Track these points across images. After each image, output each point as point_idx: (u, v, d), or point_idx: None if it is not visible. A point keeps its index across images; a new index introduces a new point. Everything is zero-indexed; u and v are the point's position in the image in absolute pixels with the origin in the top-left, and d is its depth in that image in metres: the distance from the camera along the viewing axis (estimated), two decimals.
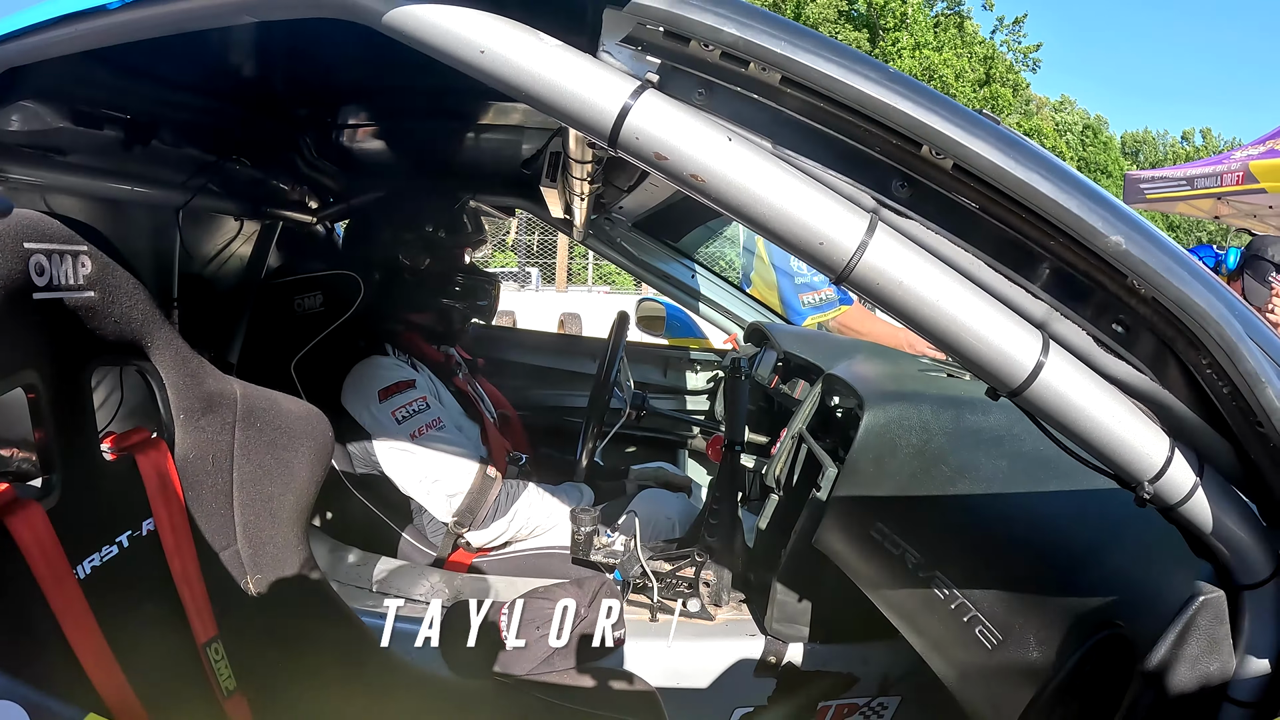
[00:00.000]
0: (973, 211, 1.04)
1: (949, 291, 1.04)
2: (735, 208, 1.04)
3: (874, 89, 0.98)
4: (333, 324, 2.95)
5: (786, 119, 1.04)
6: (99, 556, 1.33)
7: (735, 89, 1.04)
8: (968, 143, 0.98)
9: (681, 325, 4.76)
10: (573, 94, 1.02)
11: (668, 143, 1.02)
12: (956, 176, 1.02)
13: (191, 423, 1.53)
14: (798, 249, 1.05)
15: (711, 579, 2.40)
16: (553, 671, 2.13)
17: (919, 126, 0.98)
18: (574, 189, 2.31)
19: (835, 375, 2.52)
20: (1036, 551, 1.62)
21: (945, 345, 1.08)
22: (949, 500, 1.86)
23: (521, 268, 20.04)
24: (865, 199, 1.05)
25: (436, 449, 2.74)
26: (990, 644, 1.54)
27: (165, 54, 1.86)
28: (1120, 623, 1.36)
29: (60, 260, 1.24)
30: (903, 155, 1.03)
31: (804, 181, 1.03)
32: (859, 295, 1.09)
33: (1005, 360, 1.06)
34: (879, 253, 1.03)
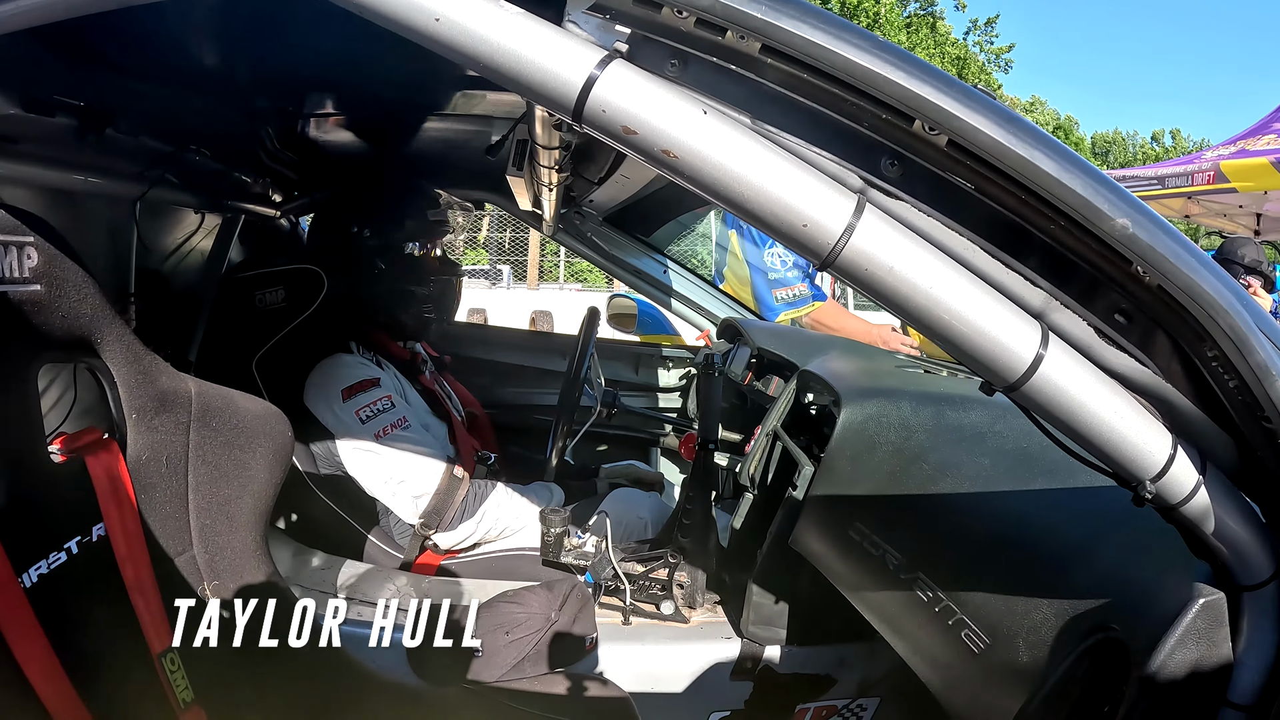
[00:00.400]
0: (968, 192, 0.99)
1: (942, 278, 0.98)
2: (711, 187, 0.98)
3: (863, 58, 0.92)
4: (295, 320, 2.90)
5: (767, 92, 0.99)
6: (46, 564, 1.27)
7: (711, 60, 0.98)
8: (966, 117, 0.92)
9: (653, 322, 4.73)
10: (535, 64, 0.96)
11: (637, 116, 0.96)
12: (951, 154, 0.96)
13: (144, 423, 1.47)
14: (779, 232, 0.99)
15: (685, 580, 2.36)
16: (523, 678, 2.09)
17: (912, 99, 0.93)
18: (542, 179, 2.26)
19: (810, 372, 2.49)
20: (1024, 552, 1.59)
21: (938, 336, 1.02)
22: (930, 499, 1.82)
23: (493, 265, 20.09)
24: (852, 179, 1.00)
25: (402, 449, 2.68)
26: (977, 648, 1.50)
27: (122, 39, 1.81)
28: (1114, 625, 1.32)
29: (4, 252, 1.20)
30: (893, 131, 0.98)
31: (786, 159, 0.98)
32: (845, 282, 1.03)
33: (1002, 352, 1.00)
34: (867, 236, 0.97)
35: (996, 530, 1.68)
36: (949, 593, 1.62)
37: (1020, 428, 1.94)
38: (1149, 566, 1.41)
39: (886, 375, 2.53)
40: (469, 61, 0.98)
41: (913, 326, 1.05)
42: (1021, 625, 1.45)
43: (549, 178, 2.23)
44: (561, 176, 2.28)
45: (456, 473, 2.71)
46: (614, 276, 4.36)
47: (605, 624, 2.27)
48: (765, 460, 2.54)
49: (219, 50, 2.11)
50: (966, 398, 2.11)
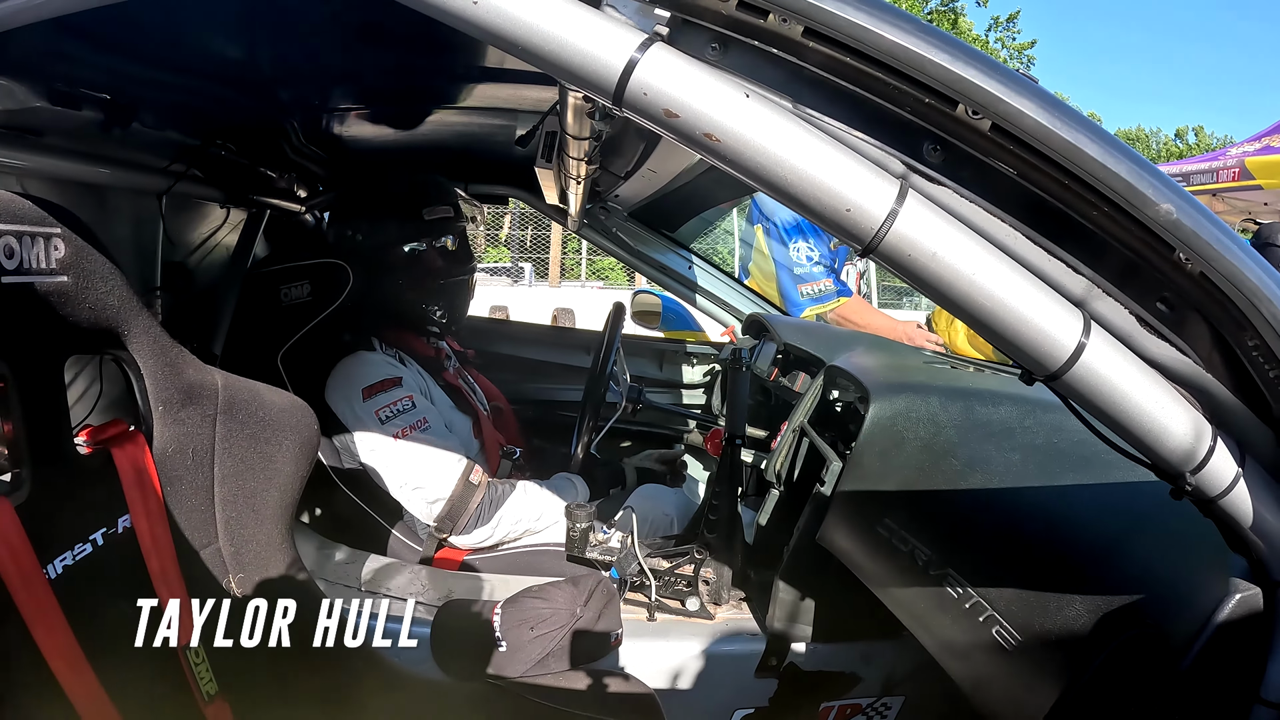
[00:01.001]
0: (1010, 178, 0.97)
1: (985, 265, 0.97)
2: (753, 171, 0.97)
3: (908, 40, 0.91)
4: (320, 315, 2.89)
5: (809, 76, 0.98)
6: (71, 555, 1.27)
7: (752, 43, 0.97)
8: (1011, 100, 0.91)
9: (677, 318, 4.72)
10: (574, 48, 0.96)
11: (679, 99, 0.96)
12: (994, 139, 0.95)
13: (170, 415, 1.47)
14: (821, 216, 0.98)
15: (711, 577, 2.34)
16: (547, 674, 2.08)
17: (957, 82, 0.91)
18: (570, 170, 2.24)
19: (838, 367, 2.47)
20: (1055, 547, 1.57)
21: (979, 324, 1.01)
22: (960, 495, 1.80)
23: (515, 263, 20.13)
24: (894, 164, 0.99)
25: (419, 452, 2.67)
26: (1009, 644, 1.49)
27: (147, 31, 1.80)
28: (1148, 621, 1.30)
29: (31, 243, 1.19)
30: (936, 116, 0.96)
31: (829, 144, 0.97)
32: (887, 268, 1.01)
33: (1045, 341, 0.99)
34: (910, 222, 0.96)
35: (1027, 526, 1.66)
36: (979, 589, 1.60)
37: (1050, 423, 1.92)
38: (1182, 562, 1.39)
39: (914, 371, 2.50)
40: (507, 45, 0.97)
41: (954, 314, 1.03)
42: (1054, 622, 1.44)
43: (578, 170, 2.21)
44: (590, 169, 2.26)
45: (473, 478, 2.69)
46: (639, 272, 4.35)
47: (630, 620, 2.26)
48: (792, 456, 2.52)
49: (244, 42, 2.10)
50: (995, 393, 2.09)
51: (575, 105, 1.72)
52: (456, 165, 3.65)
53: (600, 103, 1.03)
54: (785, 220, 4.62)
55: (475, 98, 2.63)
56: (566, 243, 20.14)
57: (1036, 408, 1.97)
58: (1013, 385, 2.28)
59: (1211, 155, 11.93)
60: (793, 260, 4.60)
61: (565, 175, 2.36)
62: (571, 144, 1.98)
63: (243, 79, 2.31)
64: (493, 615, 2.15)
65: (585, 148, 2.00)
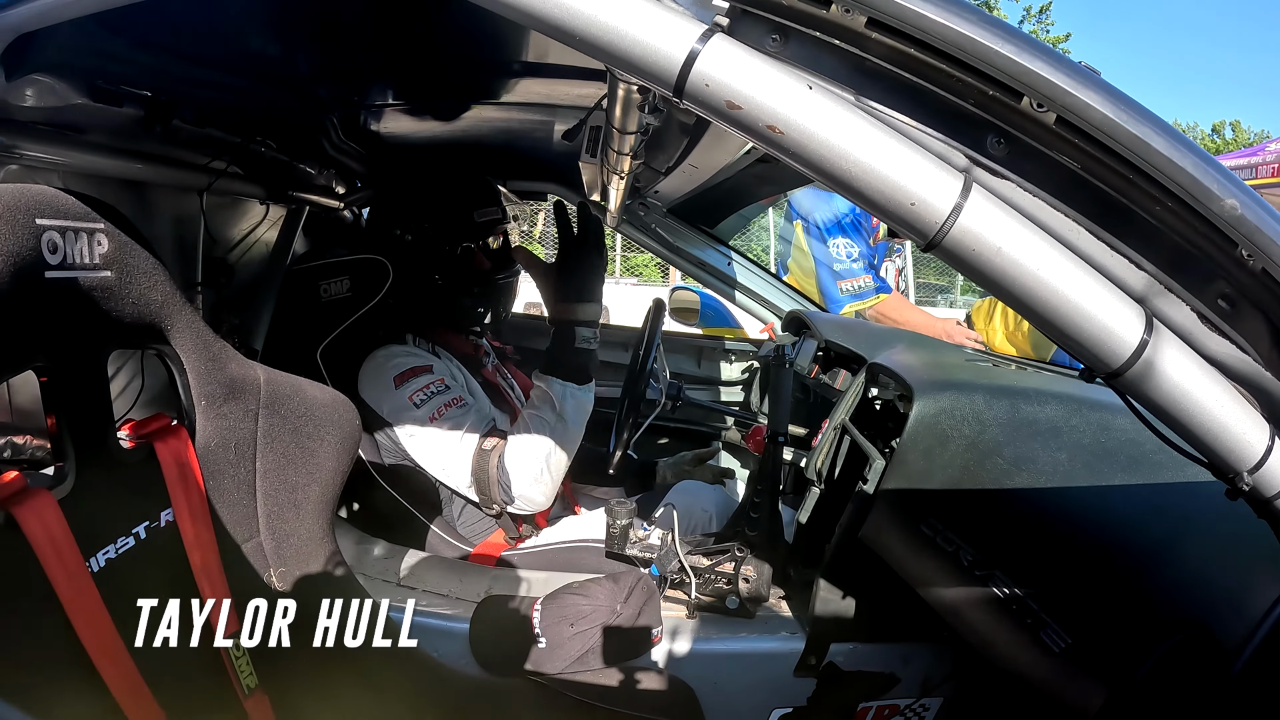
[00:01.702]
0: (1074, 172, 0.95)
1: (1049, 261, 0.95)
2: (816, 164, 0.95)
3: (975, 32, 0.89)
4: (360, 310, 2.89)
5: (870, 68, 0.96)
6: (114, 548, 1.28)
7: (813, 34, 0.95)
8: (1078, 93, 0.89)
9: (716, 315, 4.69)
10: (634, 39, 0.94)
11: (741, 91, 0.94)
12: (1059, 132, 0.93)
13: (213, 409, 1.48)
14: (884, 211, 0.96)
15: (751, 575, 2.32)
16: (587, 670, 2.07)
17: (1024, 74, 0.89)
18: (613, 165, 2.23)
19: (880, 364, 2.44)
20: (1104, 548, 1.54)
21: (1043, 321, 0.99)
22: (1006, 494, 1.78)
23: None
24: (957, 157, 0.97)
25: (453, 431, 2.66)
26: (1058, 646, 1.46)
27: (186, 28, 1.81)
28: (1200, 623, 1.28)
29: (75, 238, 1.20)
30: (1000, 108, 0.94)
31: (892, 137, 0.95)
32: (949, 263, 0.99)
33: (1108, 338, 0.96)
34: (974, 216, 0.94)
35: (1076, 526, 1.64)
36: (1027, 590, 1.58)
37: (1096, 421, 1.90)
38: (1234, 564, 1.37)
39: (957, 368, 2.48)
40: (565, 36, 0.97)
41: (1016, 310, 1.01)
42: (1103, 623, 1.42)
43: (621, 165, 2.20)
44: (634, 164, 2.25)
45: (485, 445, 2.68)
46: (677, 268, 4.34)
47: (670, 617, 2.24)
48: (833, 454, 2.50)
49: (282, 38, 2.11)
50: (1040, 391, 2.06)
51: (625, 98, 1.70)
52: (495, 161, 3.64)
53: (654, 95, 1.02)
54: (824, 219, 4.60)
55: (514, 93, 2.62)
56: None
57: (1082, 406, 1.94)
58: (1056, 383, 2.26)
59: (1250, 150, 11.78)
60: (832, 257, 4.58)
61: (608, 170, 2.35)
62: (617, 138, 1.97)
63: (282, 75, 2.32)
64: (532, 611, 2.14)
65: (631, 142, 1.98)
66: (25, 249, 1.11)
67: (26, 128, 1.79)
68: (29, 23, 1.34)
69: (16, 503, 1.11)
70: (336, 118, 2.82)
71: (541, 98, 2.67)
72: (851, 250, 4.55)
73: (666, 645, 2.16)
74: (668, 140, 2.21)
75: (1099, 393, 2.07)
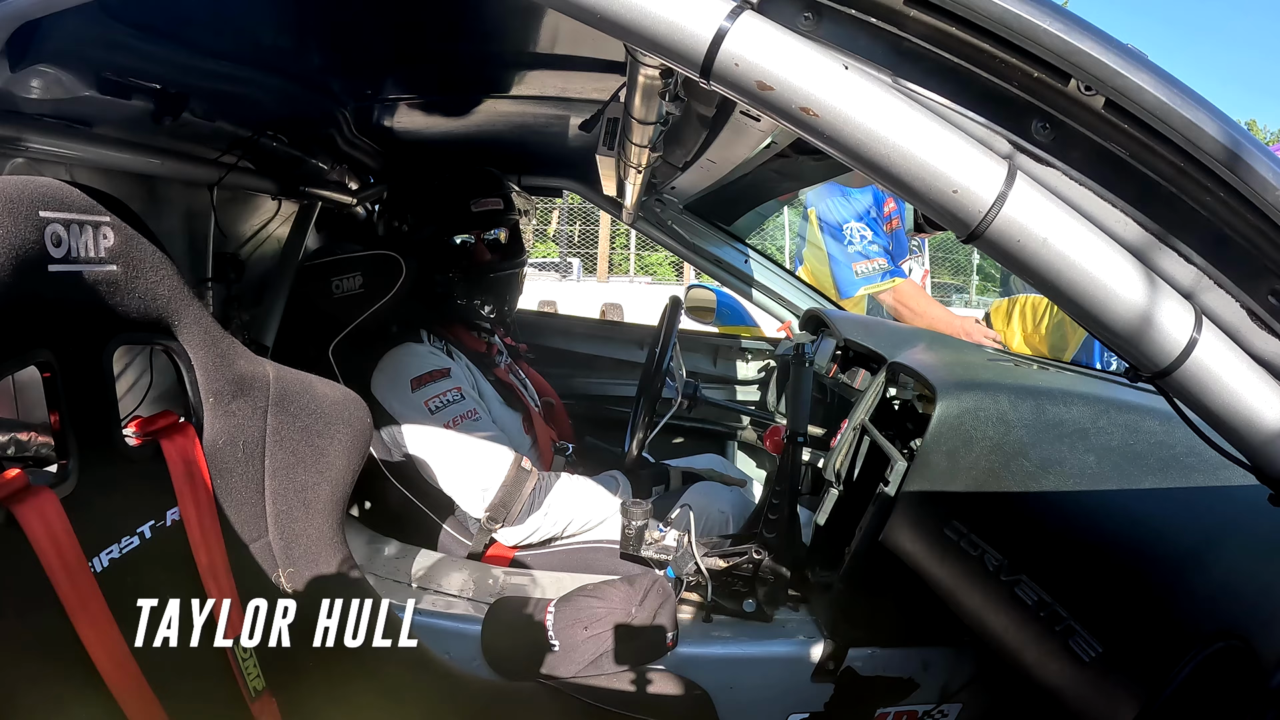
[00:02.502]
0: (1123, 159, 0.91)
1: (1097, 254, 0.91)
2: (852, 148, 0.92)
3: (1020, 8, 0.85)
4: (372, 306, 2.87)
5: (910, 48, 0.92)
6: (118, 548, 1.26)
7: (849, 12, 0.91)
8: (1130, 75, 0.85)
9: (732, 313, 4.67)
10: (659, 16, 0.91)
11: (773, 71, 0.91)
12: (1108, 117, 0.89)
13: (221, 407, 1.45)
14: (924, 199, 0.93)
15: (769, 578, 2.29)
16: (601, 674, 2.04)
17: (1072, 54, 0.86)
18: (631, 158, 2.20)
19: (901, 364, 2.41)
20: (1136, 554, 1.50)
21: (1088, 317, 0.95)
22: (1033, 498, 1.74)
23: (563, 258, 20.25)
24: (1001, 143, 0.93)
25: (470, 441, 2.64)
26: (1088, 655, 1.42)
27: (196, 19, 1.79)
28: (1236, 632, 1.24)
29: (80, 231, 1.18)
30: (1046, 91, 0.91)
31: (933, 120, 0.91)
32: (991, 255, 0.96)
33: (1158, 335, 0.93)
34: (1020, 206, 0.90)
35: (1106, 531, 1.60)
36: (1055, 596, 1.54)
37: (1125, 423, 1.86)
38: (1272, 572, 1.33)
39: (980, 368, 2.44)
40: (586, 14, 0.94)
41: (1059, 304, 0.97)
42: (1136, 632, 1.38)
43: (639, 158, 2.17)
44: (652, 156, 2.22)
45: (524, 465, 2.66)
46: (693, 265, 4.32)
47: (686, 620, 2.22)
48: (852, 455, 2.47)
49: (295, 31, 2.09)
50: (1066, 391, 2.02)
51: (645, 86, 1.67)
52: (510, 157, 3.63)
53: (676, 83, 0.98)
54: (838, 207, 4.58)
55: (529, 86, 2.61)
56: (615, 238, 20.24)
57: (1110, 407, 1.91)
58: (1082, 384, 2.22)
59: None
60: (846, 241, 4.55)
61: (625, 164, 2.32)
62: (636, 129, 1.94)
63: (295, 68, 2.30)
64: (546, 613, 2.12)
65: (650, 133, 1.96)
66: (28, 242, 1.08)
67: (33, 120, 1.77)
68: (32, 10, 1.32)
69: (18, 501, 1.09)
70: (349, 112, 2.79)
71: (557, 91, 2.65)
72: (865, 234, 4.53)
73: (682, 648, 2.14)
74: (686, 134, 2.18)
75: (1126, 393, 2.03)
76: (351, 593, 1.63)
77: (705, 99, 1.85)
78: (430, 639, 1.79)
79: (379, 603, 1.68)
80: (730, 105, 1.87)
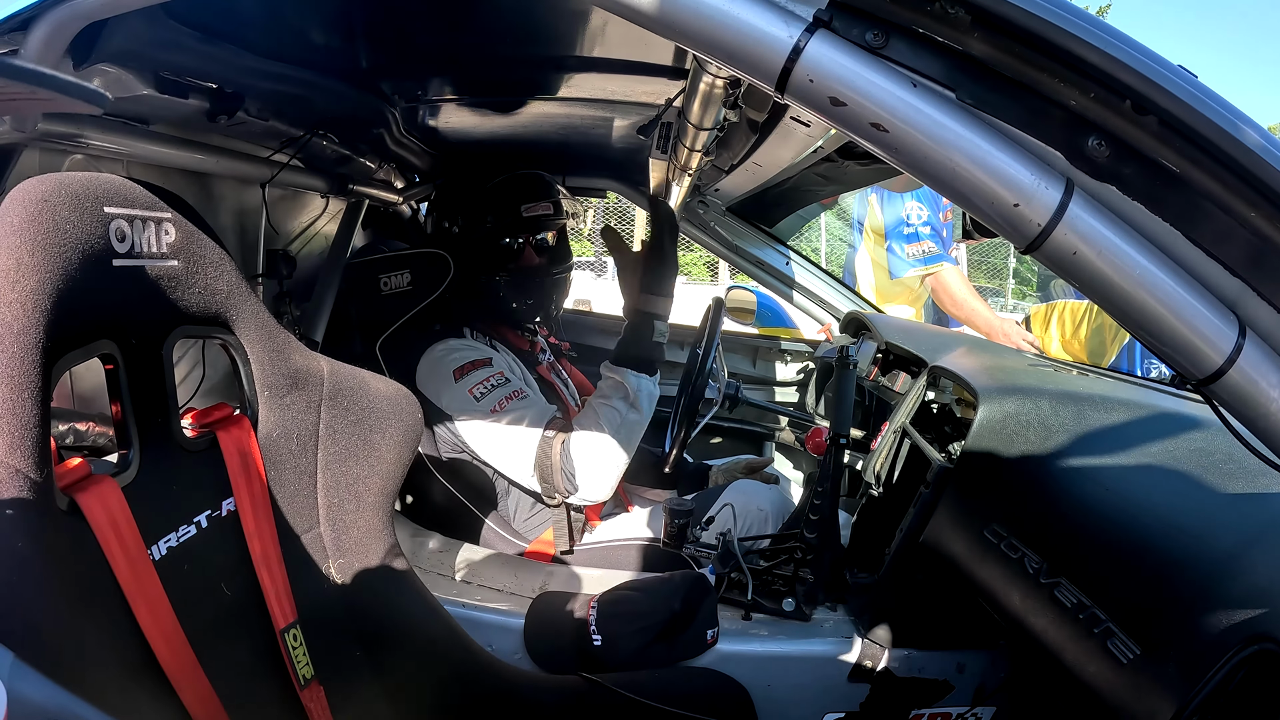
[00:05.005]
0: (1174, 175, 0.92)
1: (1148, 267, 0.93)
2: (918, 163, 0.94)
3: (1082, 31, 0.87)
4: (420, 303, 2.90)
5: (973, 66, 0.94)
6: (175, 537, 1.28)
7: (916, 30, 0.93)
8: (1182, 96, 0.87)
9: (772, 314, 4.68)
10: (738, 31, 0.93)
11: (846, 87, 0.93)
12: (1160, 135, 0.91)
13: (276, 400, 1.48)
14: (987, 212, 0.94)
15: (808, 577, 2.30)
16: (641, 669, 2.06)
17: (1128, 76, 0.87)
18: (682, 161, 2.22)
19: (942, 368, 2.41)
20: (1173, 559, 1.50)
21: (1138, 325, 0.97)
22: (1073, 502, 1.75)
23: (598, 257, 20.24)
24: (1059, 159, 0.94)
25: (518, 420, 2.65)
26: (1126, 657, 1.43)
27: (253, 19, 1.81)
28: (1271, 637, 1.24)
29: (143, 226, 1.20)
30: (1102, 110, 0.92)
31: (995, 136, 0.93)
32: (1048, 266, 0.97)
33: (1204, 343, 0.94)
34: (1077, 220, 0.93)
35: (1144, 535, 1.60)
36: (1095, 599, 1.54)
37: (1165, 430, 1.87)
38: None
39: (1021, 373, 2.44)
40: (664, 27, 0.96)
41: (1111, 314, 0.99)
42: (1172, 635, 1.39)
43: (690, 161, 2.19)
44: (704, 160, 2.24)
45: (548, 434, 2.65)
46: (735, 267, 4.32)
47: (725, 618, 2.23)
48: (892, 458, 2.47)
49: (348, 30, 2.11)
50: (1106, 398, 2.03)
51: (706, 94, 1.69)
52: (554, 157, 3.65)
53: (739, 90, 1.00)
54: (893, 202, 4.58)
55: (575, 89, 2.62)
56: None
57: (1150, 414, 1.92)
58: (1121, 390, 2.22)
59: None
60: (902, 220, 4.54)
61: (676, 167, 2.34)
62: (691, 133, 1.96)
63: (347, 69, 2.33)
64: (588, 609, 2.14)
65: (705, 138, 1.98)
66: (94, 237, 1.11)
67: (92, 118, 1.80)
68: (99, 11, 1.35)
69: (80, 489, 1.11)
70: (398, 112, 2.82)
71: (602, 94, 2.66)
72: (922, 214, 4.52)
73: (722, 646, 2.15)
74: (735, 138, 2.20)
75: (1164, 400, 2.04)
76: (399, 584, 1.66)
77: (759, 104, 1.86)
78: (474, 632, 1.81)
79: (425, 595, 1.70)
80: (781, 110, 1.88)
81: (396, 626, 1.66)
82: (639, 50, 2.17)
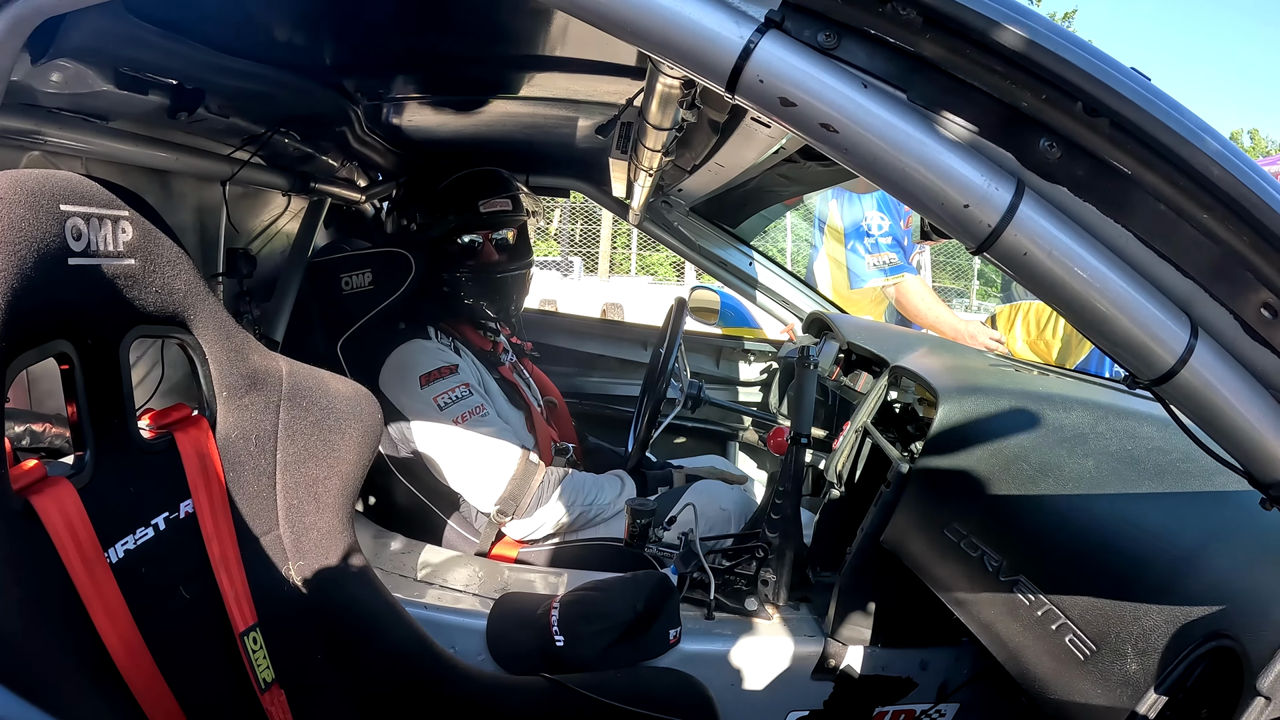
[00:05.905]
0: (1125, 177, 0.93)
1: (1099, 267, 0.93)
2: (869, 164, 0.94)
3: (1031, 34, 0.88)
4: (382, 303, 2.89)
5: (925, 67, 0.94)
6: (133, 539, 1.27)
7: (868, 31, 0.93)
8: (1133, 98, 0.88)
9: (735, 314, 4.69)
10: (688, 30, 0.93)
11: (796, 87, 0.92)
12: (1111, 137, 0.91)
13: (234, 401, 1.47)
14: (937, 213, 0.95)
15: (771, 577, 2.31)
16: (604, 670, 2.06)
17: (1079, 78, 0.88)
18: (643, 161, 2.22)
19: (904, 368, 2.43)
20: (1131, 557, 1.52)
21: (1090, 326, 0.98)
22: (1032, 500, 1.76)
23: (564, 257, 20.26)
24: (1010, 160, 0.95)
25: (479, 436, 2.65)
26: (1083, 654, 1.45)
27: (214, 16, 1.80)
28: (1228, 633, 1.25)
29: (99, 225, 1.19)
30: (1054, 112, 0.92)
31: (946, 137, 0.93)
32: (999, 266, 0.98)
33: (1156, 344, 0.95)
34: (1027, 220, 0.93)
35: (1102, 534, 1.62)
36: (1052, 597, 1.56)
37: (1123, 429, 1.88)
38: (1264, 574, 1.35)
39: (982, 373, 2.46)
40: (616, 26, 0.95)
41: (1064, 315, 1.00)
42: (1130, 632, 1.40)
43: (650, 161, 2.19)
44: (664, 161, 2.24)
45: (532, 458, 2.68)
46: (698, 267, 4.33)
47: (688, 617, 2.24)
48: (854, 457, 2.48)
49: (311, 27, 2.10)
50: (1066, 397, 2.05)
51: (663, 94, 1.69)
52: (518, 156, 3.64)
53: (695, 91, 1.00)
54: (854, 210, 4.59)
55: (538, 88, 2.61)
56: (616, 238, 20.26)
57: (1109, 413, 1.94)
58: (1081, 390, 2.24)
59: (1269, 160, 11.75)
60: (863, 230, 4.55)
61: (637, 167, 2.34)
62: (650, 134, 1.96)
63: (309, 66, 2.31)
64: (550, 610, 2.13)
65: (664, 139, 1.98)
66: (49, 235, 1.09)
67: (50, 113, 1.78)
68: (57, 5, 1.33)
69: (35, 491, 1.10)
70: (361, 110, 2.81)
71: (566, 93, 2.66)
72: (883, 224, 4.53)
73: (684, 645, 2.16)
74: (696, 139, 2.20)
75: (1124, 400, 2.06)
76: (360, 586, 1.65)
77: (719, 105, 1.87)
78: (436, 633, 1.80)
79: (387, 596, 1.70)
80: (742, 111, 1.88)
81: (358, 628, 1.65)
82: (602, 50, 2.17)
